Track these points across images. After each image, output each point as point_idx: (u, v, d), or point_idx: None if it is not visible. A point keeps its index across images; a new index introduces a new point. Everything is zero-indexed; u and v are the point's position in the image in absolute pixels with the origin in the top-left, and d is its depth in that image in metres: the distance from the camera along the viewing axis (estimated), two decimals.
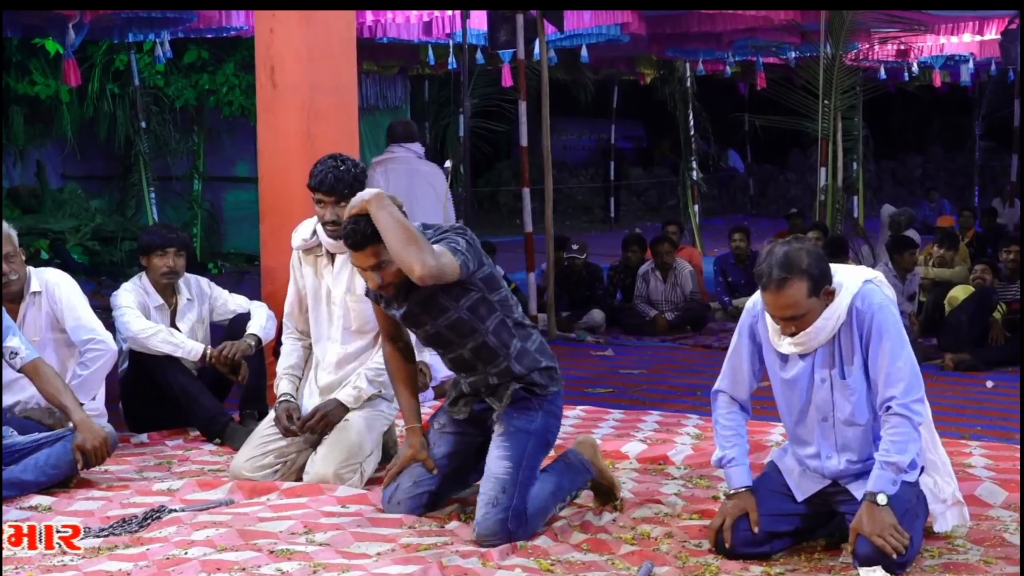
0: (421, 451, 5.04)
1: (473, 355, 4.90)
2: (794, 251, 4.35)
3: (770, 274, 4.33)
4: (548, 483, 4.91)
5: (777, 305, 4.38)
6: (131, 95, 15.96)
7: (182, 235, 7.02)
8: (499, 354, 4.89)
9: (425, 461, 5.03)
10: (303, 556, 4.40)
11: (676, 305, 11.51)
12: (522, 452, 4.83)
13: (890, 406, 4.36)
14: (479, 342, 4.87)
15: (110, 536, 4.72)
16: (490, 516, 4.66)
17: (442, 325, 4.84)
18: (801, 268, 4.32)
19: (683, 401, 7.85)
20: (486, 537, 4.64)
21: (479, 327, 4.84)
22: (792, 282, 4.31)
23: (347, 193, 5.49)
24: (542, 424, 4.94)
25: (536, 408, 4.93)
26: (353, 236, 4.69)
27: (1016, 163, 17.81)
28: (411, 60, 16.62)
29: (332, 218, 5.52)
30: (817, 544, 4.65)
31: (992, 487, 5.33)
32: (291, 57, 6.87)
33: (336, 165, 5.50)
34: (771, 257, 4.36)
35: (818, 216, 13.26)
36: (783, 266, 4.32)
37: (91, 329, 6.14)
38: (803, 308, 4.35)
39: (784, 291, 4.32)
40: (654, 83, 19.50)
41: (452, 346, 4.93)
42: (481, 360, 4.91)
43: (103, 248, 15.78)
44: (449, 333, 4.87)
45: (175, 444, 6.58)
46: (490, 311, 4.85)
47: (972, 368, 8.99)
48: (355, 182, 5.51)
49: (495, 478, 4.77)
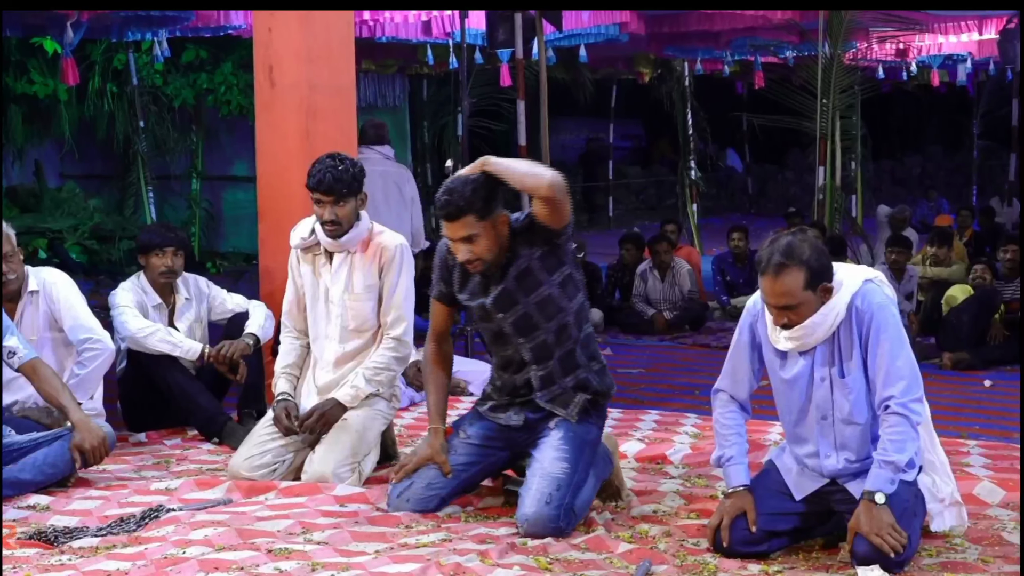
0: (440, 453, 5.05)
1: (555, 337, 4.95)
2: (797, 241, 4.37)
3: (770, 259, 4.35)
4: (592, 477, 4.98)
5: (772, 292, 4.38)
6: (129, 94, 15.95)
7: (180, 234, 7.01)
8: (571, 336, 4.97)
9: (443, 464, 5.03)
10: (301, 555, 4.40)
11: (674, 304, 11.51)
12: (579, 456, 4.91)
13: (889, 405, 4.36)
14: (562, 323, 4.94)
15: (108, 535, 4.71)
16: (543, 512, 4.71)
17: (532, 302, 4.88)
18: (801, 258, 4.33)
19: (681, 400, 7.86)
20: (535, 531, 4.69)
21: (565, 306, 4.91)
22: (790, 270, 4.32)
23: (346, 193, 5.50)
24: (596, 437, 5.09)
25: (595, 422, 5.07)
26: (447, 207, 4.75)
27: (1014, 162, 17.83)
28: (410, 59, 16.62)
29: (331, 217, 5.53)
30: (815, 543, 4.65)
31: (990, 486, 5.33)
32: (290, 56, 6.87)
33: (335, 164, 5.51)
34: (774, 244, 4.38)
35: (816, 215, 13.27)
36: (784, 253, 4.33)
37: (89, 328, 6.14)
38: (797, 298, 4.36)
39: (780, 278, 4.33)
40: (652, 82, 19.49)
41: (536, 330, 4.95)
42: (559, 344, 4.96)
43: (101, 247, 15.77)
44: (537, 313, 4.90)
45: (173, 443, 6.58)
46: (576, 289, 4.95)
47: (970, 367, 8.99)
48: (354, 181, 5.52)
49: (551, 476, 4.82)
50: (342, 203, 5.54)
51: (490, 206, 4.76)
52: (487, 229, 4.77)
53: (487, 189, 4.75)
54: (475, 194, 4.72)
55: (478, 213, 4.72)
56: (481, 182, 4.75)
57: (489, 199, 4.75)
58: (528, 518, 4.72)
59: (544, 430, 4.97)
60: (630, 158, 29.43)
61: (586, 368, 5.02)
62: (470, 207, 4.71)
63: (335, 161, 5.54)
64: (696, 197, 18.63)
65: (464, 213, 4.72)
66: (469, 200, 4.71)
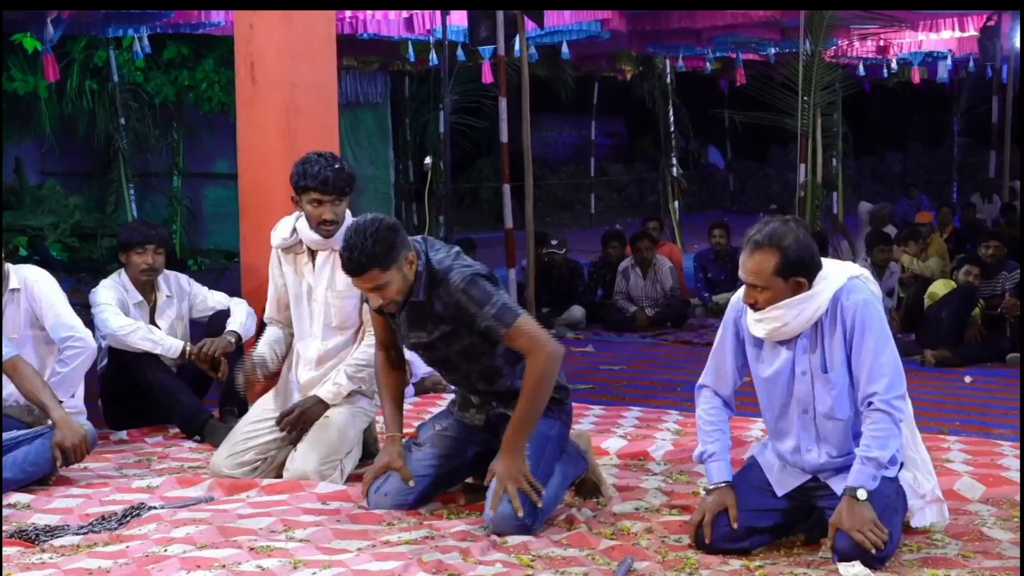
0: (397, 460, 5.06)
1: (479, 377, 4.98)
2: (784, 227, 4.41)
3: (752, 236, 4.41)
4: (558, 474, 4.97)
5: (745, 267, 4.43)
6: (110, 91, 15.91)
7: (162, 232, 7.01)
8: (503, 373, 4.97)
9: (400, 470, 5.04)
10: (283, 553, 4.40)
11: (656, 301, 11.53)
12: (541, 454, 4.90)
13: (872, 402, 4.37)
14: (487, 365, 4.94)
15: (89, 533, 4.70)
16: (506, 511, 4.70)
17: (454, 351, 4.90)
18: (780, 244, 4.36)
19: (663, 397, 7.87)
20: (500, 530, 4.68)
21: (488, 351, 4.90)
22: (765, 250, 4.36)
23: (347, 191, 5.51)
24: (560, 432, 5.06)
25: (555, 417, 5.03)
26: (350, 264, 4.70)
27: (994, 159, 17.89)
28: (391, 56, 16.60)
29: (331, 216, 5.53)
30: (797, 539, 4.66)
31: (970, 482, 5.36)
32: (271, 53, 6.85)
33: (331, 163, 5.53)
34: (763, 225, 4.43)
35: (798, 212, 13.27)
36: (767, 235, 4.38)
37: (70, 326, 6.11)
38: (764, 281, 4.38)
39: (753, 255, 4.38)
40: (634, 79, 19.51)
41: (459, 370, 5.02)
42: (485, 381, 4.99)
43: (82, 245, 15.72)
44: (457, 359, 4.94)
45: (155, 441, 6.58)
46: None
47: (952, 364, 9.02)
48: (350, 178, 5.56)
49: None
50: (339, 201, 5.54)
51: (392, 254, 4.67)
52: (394, 275, 4.70)
53: (387, 241, 4.66)
54: (376, 247, 4.63)
55: (381, 266, 4.65)
56: (382, 234, 4.65)
57: (391, 248, 4.66)
58: (492, 518, 4.72)
59: (506, 428, 4.97)
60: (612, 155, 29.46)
61: (509, 377, 4.98)
62: (373, 262, 4.64)
63: (330, 160, 5.53)
64: (678, 194, 18.66)
65: (368, 268, 4.66)
66: (371, 255, 4.62)
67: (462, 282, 4.75)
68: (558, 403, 5.06)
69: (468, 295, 4.74)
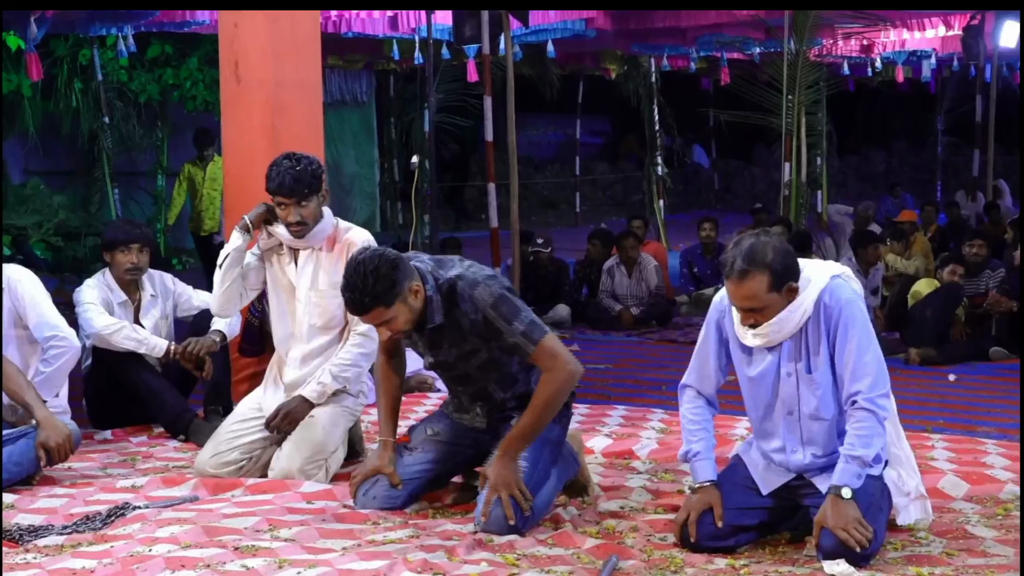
0: (388, 466, 5.06)
1: (497, 385, 4.97)
2: (760, 244, 4.37)
3: (733, 264, 4.36)
4: (553, 478, 4.97)
5: (738, 296, 4.40)
6: (94, 90, 15.87)
7: (146, 231, 6.99)
8: (519, 380, 4.98)
9: (391, 476, 5.03)
10: (268, 552, 4.39)
11: (641, 300, 11.54)
12: (539, 456, 4.89)
13: (856, 400, 4.38)
14: (504, 373, 4.95)
15: (74, 533, 4.69)
16: (499, 512, 4.69)
17: (473, 366, 4.91)
18: (764, 262, 4.34)
19: (648, 396, 7.87)
20: (492, 529, 4.68)
21: (506, 360, 4.91)
22: (753, 275, 4.34)
23: (307, 192, 5.47)
24: (559, 436, 5.06)
25: (556, 420, 5.00)
26: (353, 305, 4.69)
27: (978, 158, 17.94)
28: (376, 55, 16.60)
29: (296, 219, 5.52)
30: (782, 537, 4.67)
31: (954, 480, 5.37)
32: (256, 52, 6.84)
33: (292, 166, 5.48)
34: (737, 248, 4.39)
35: (782, 211, 13.33)
36: (746, 258, 4.34)
37: (54, 326, 6.09)
38: (763, 301, 4.37)
39: (744, 283, 4.35)
40: (619, 79, 19.54)
41: (476, 383, 5.02)
42: (503, 389, 4.99)
43: (66, 244, 15.68)
44: (477, 372, 4.95)
45: (139, 441, 6.56)
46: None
47: (936, 362, 9.05)
48: (313, 179, 5.49)
49: None
50: (304, 203, 5.51)
51: (395, 290, 4.63)
52: (399, 309, 4.67)
53: (388, 277, 4.61)
54: (377, 285, 4.59)
55: (385, 303, 4.63)
56: (382, 271, 4.60)
57: (392, 284, 4.62)
58: (484, 524, 4.71)
59: (507, 429, 4.97)
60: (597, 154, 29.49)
61: (524, 383, 5.00)
62: (376, 301, 4.61)
63: (292, 162, 5.49)
64: (663, 193, 18.69)
65: (372, 308, 4.64)
66: (373, 294, 4.60)
67: (491, 297, 4.73)
68: (563, 406, 5.06)
69: (497, 311, 4.73)
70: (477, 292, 4.74)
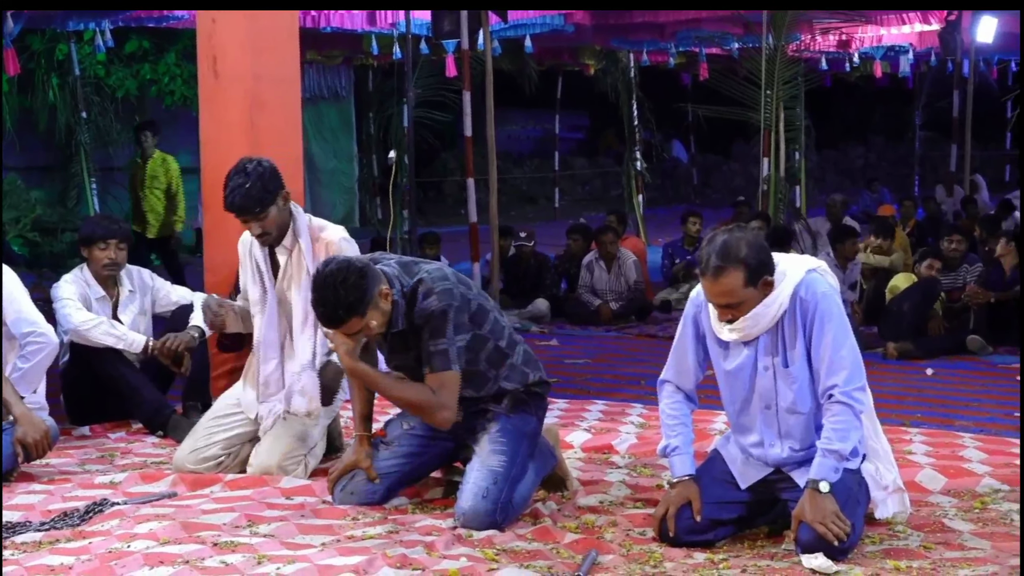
0: (364, 460, 5.06)
1: (466, 383, 4.94)
2: (734, 240, 4.38)
3: (708, 261, 4.36)
4: (530, 472, 4.98)
5: (713, 292, 4.41)
6: (72, 85, 15.80)
7: (124, 226, 6.97)
8: (490, 378, 4.96)
9: (368, 470, 5.03)
10: (247, 548, 4.39)
11: (620, 295, 11.56)
12: (517, 450, 4.90)
13: (832, 394, 4.39)
14: (472, 372, 4.92)
15: (51, 530, 4.68)
16: (479, 507, 4.71)
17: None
18: (739, 257, 4.35)
19: (627, 391, 7.88)
20: (471, 525, 4.68)
21: (471, 359, 4.89)
22: (728, 271, 4.34)
23: (259, 209, 5.44)
24: (535, 428, 5.06)
25: (533, 412, 5.04)
26: (325, 319, 4.68)
27: (955, 152, 18.01)
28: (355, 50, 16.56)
29: (259, 232, 5.53)
30: (760, 531, 4.68)
31: (932, 473, 5.40)
32: (234, 47, 6.82)
33: (242, 183, 5.42)
34: (711, 244, 4.40)
35: (761, 206, 13.35)
36: (721, 255, 4.35)
37: (32, 322, 6.06)
38: (739, 297, 4.39)
39: (720, 279, 4.36)
40: (598, 74, 19.54)
41: None
42: (472, 386, 4.96)
43: (44, 240, 15.61)
44: None
45: (117, 437, 6.55)
46: (483, 343, 4.90)
47: (913, 357, 9.08)
48: (265, 192, 5.44)
49: (489, 469, 4.81)
50: (262, 215, 5.49)
51: (366, 298, 4.62)
52: (373, 315, 4.67)
53: (358, 287, 4.59)
54: (349, 296, 4.58)
55: (359, 313, 4.62)
56: (351, 282, 4.58)
57: (363, 293, 4.61)
58: (465, 512, 4.73)
59: (482, 422, 4.97)
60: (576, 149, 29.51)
61: (495, 380, 4.98)
62: (349, 312, 4.60)
63: (242, 178, 5.42)
64: (641, 188, 18.71)
65: (346, 320, 4.63)
66: (347, 306, 4.58)
67: (436, 308, 4.72)
68: (538, 397, 5.07)
69: (429, 323, 4.72)
70: (429, 301, 4.73)
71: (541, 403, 5.10)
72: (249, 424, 5.69)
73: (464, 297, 4.81)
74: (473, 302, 4.85)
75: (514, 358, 5.00)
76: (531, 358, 5.10)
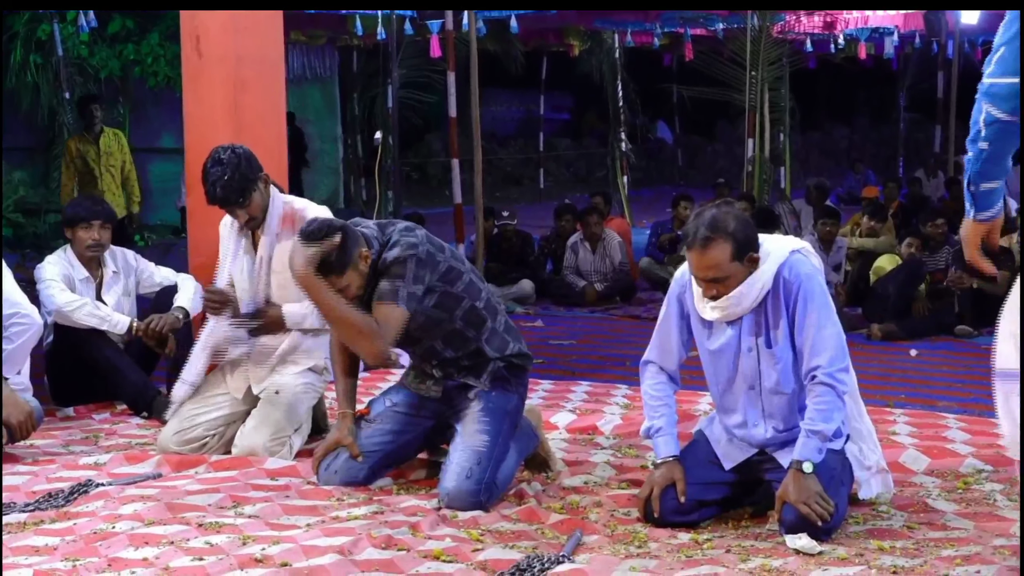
0: (347, 437, 5.06)
1: (444, 344, 4.95)
2: (722, 214, 4.40)
3: (696, 233, 4.37)
4: (512, 452, 4.99)
5: (700, 265, 4.42)
6: (54, 65, 15.73)
7: (108, 207, 6.95)
8: (469, 337, 4.95)
9: (350, 447, 5.04)
10: (232, 529, 4.39)
11: (605, 276, 11.56)
12: (499, 429, 4.91)
13: (815, 375, 4.40)
14: (448, 331, 4.92)
15: (36, 511, 4.67)
16: (463, 487, 4.71)
17: (411, 327, 4.85)
18: (727, 231, 4.36)
19: (612, 371, 7.89)
20: (455, 505, 4.69)
21: (446, 318, 4.89)
22: (716, 243, 4.35)
23: (241, 198, 5.45)
24: (516, 406, 5.07)
25: (513, 390, 5.04)
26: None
27: (939, 134, 18.03)
28: (339, 30, 16.51)
29: (244, 219, 5.56)
30: (744, 512, 4.70)
31: (915, 454, 5.41)
32: (217, 27, 6.80)
33: (220, 175, 5.44)
34: (699, 218, 4.41)
35: (745, 187, 13.37)
36: (709, 227, 4.36)
37: (15, 303, 6.03)
38: (725, 271, 4.39)
39: (708, 251, 4.36)
40: (582, 55, 19.52)
41: (421, 342, 5.00)
42: (451, 347, 4.97)
43: (27, 221, 15.57)
44: (418, 332, 4.92)
45: (102, 418, 6.54)
46: (456, 302, 4.90)
47: (898, 338, 9.10)
48: (244, 181, 5.45)
49: (472, 449, 4.82)
50: (245, 203, 5.50)
51: (345, 258, 4.64)
52: (351, 276, 4.68)
53: (342, 248, 4.62)
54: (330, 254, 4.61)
55: (337, 273, 4.65)
56: (336, 243, 4.61)
57: (343, 253, 4.63)
58: (449, 492, 4.73)
59: (464, 401, 4.98)
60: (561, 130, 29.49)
61: (475, 340, 4.98)
62: (329, 271, 4.63)
63: (220, 169, 5.44)
64: (626, 169, 18.70)
65: (325, 278, 4.65)
66: (334, 265, 4.62)
67: (398, 256, 4.72)
68: (519, 370, 5.06)
69: (388, 268, 4.73)
70: (392, 252, 4.74)
71: (522, 379, 5.10)
72: (234, 405, 5.69)
73: (430, 254, 4.80)
74: (442, 264, 4.84)
75: (495, 324, 4.99)
76: (512, 328, 5.11)
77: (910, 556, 4.17)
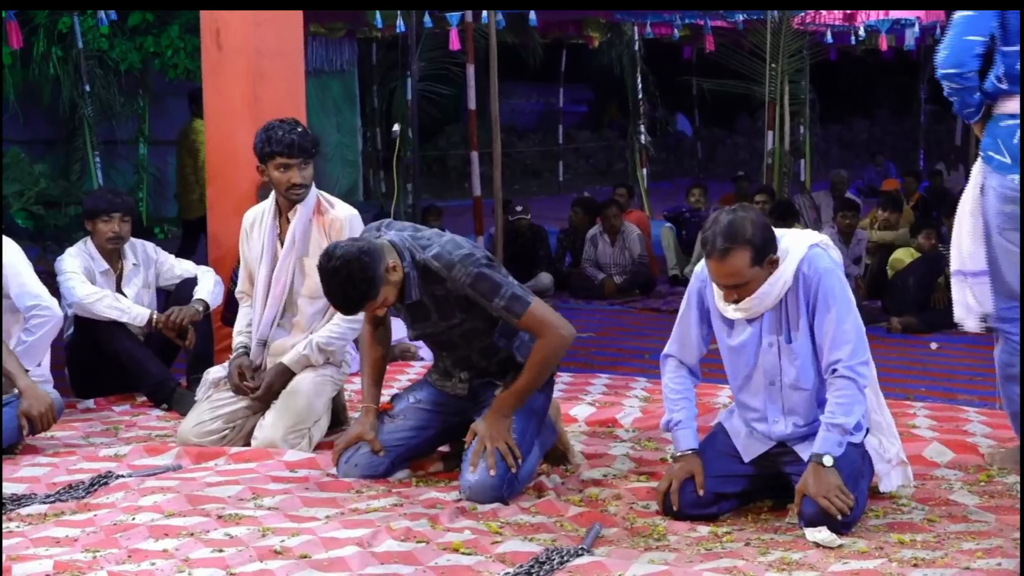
0: (369, 432, 5.06)
1: (480, 355, 4.99)
2: (738, 220, 4.36)
3: (714, 243, 4.35)
4: (536, 448, 5.00)
5: (720, 273, 4.40)
6: (75, 58, 15.75)
7: (127, 200, 6.97)
8: (501, 347, 4.98)
9: (372, 442, 5.04)
10: (251, 521, 4.40)
11: (624, 269, 11.55)
12: (525, 427, 4.91)
13: (836, 368, 4.39)
14: (486, 344, 4.95)
15: (56, 502, 4.69)
16: (487, 481, 4.71)
17: (456, 334, 4.90)
18: (745, 237, 4.33)
19: (631, 364, 7.88)
20: (477, 499, 4.69)
21: (489, 330, 4.91)
22: (735, 251, 4.33)
23: (313, 151, 5.53)
24: (542, 405, 5.07)
25: (541, 388, 5.03)
26: (343, 310, 4.76)
27: (960, 127, 17.94)
28: (358, 23, 16.50)
29: (299, 180, 5.57)
30: (763, 505, 4.69)
31: (939, 447, 5.39)
32: (237, 20, 6.81)
33: (294, 127, 5.56)
34: (716, 225, 4.38)
35: (765, 179, 13.33)
36: (727, 235, 4.33)
37: (36, 295, 6.07)
38: (746, 277, 4.38)
39: (727, 260, 4.34)
40: (602, 47, 19.48)
41: (457, 349, 5.02)
42: (485, 357, 5.00)
43: (47, 213, 15.57)
44: (460, 339, 4.94)
45: (122, 410, 6.56)
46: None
47: (918, 331, 9.07)
48: (315, 141, 5.57)
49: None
50: (305, 165, 5.55)
51: (375, 283, 4.61)
52: (385, 292, 4.68)
53: (366, 272, 4.57)
54: (356, 290, 4.59)
55: (371, 298, 4.64)
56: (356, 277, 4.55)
57: (371, 281, 4.60)
58: (471, 485, 4.73)
59: (490, 397, 4.97)
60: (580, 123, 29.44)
61: (507, 349, 5.00)
62: (363, 300, 4.64)
63: (292, 124, 5.58)
64: (646, 161, 18.67)
65: (363, 305, 4.68)
66: (357, 298, 4.62)
67: (469, 278, 4.71)
68: None
69: (477, 290, 4.73)
70: (454, 273, 4.72)
71: (549, 380, 5.10)
72: None
73: (485, 255, 4.83)
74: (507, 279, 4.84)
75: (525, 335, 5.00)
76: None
77: (931, 549, 4.16)
